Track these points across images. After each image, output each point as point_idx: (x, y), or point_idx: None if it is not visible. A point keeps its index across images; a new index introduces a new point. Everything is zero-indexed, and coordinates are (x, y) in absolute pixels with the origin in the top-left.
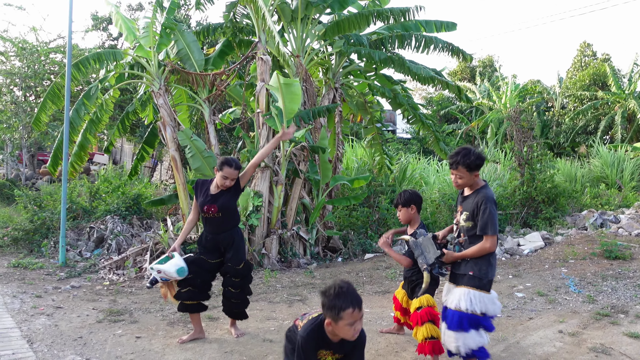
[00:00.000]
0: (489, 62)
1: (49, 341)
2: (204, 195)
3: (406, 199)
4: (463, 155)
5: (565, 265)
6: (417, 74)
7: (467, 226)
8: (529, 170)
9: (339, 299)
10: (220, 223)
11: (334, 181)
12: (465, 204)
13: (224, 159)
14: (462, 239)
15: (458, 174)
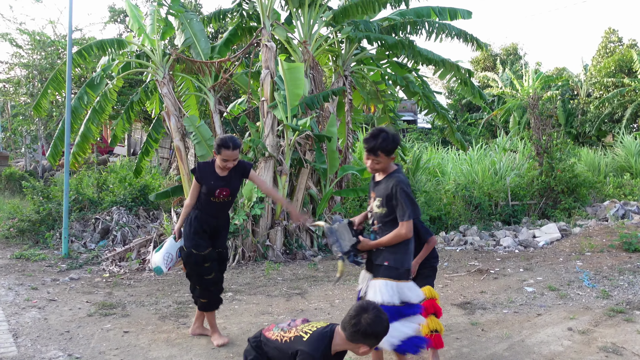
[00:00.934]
0: (513, 50)
1: (34, 335)
2: (214, 178)
3: (388, 145)
4: (383, 140)
5: (581, 258)
6: (427, 57)
7: (381, 213)
8: (548, 160)
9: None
10: (226, 207)
11: (343, 171)
12: (378, 190)
13: (219, 140)
14: (375, 226)
15: (376, 160)
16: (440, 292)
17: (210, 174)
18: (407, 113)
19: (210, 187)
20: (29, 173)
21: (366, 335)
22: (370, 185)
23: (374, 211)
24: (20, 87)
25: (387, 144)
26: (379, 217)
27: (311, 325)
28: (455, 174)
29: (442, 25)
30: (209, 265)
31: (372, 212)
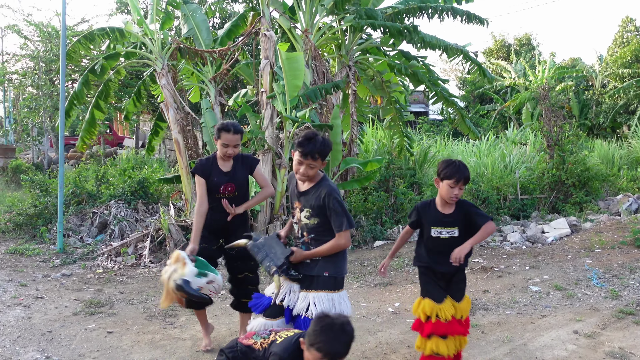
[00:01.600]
0: (527, 40)
1: (15, 335)
2: (217, 174)
3: (326, 148)
4: (321, 143)
5: (590, 255)
6: (431, 42)
7: (312, 224)
8: (559, 152)
9: (333, 343)
10: (235, 202)
11: (345, 164)
12: (306, 200)
13: (220, 124)
14: (306, 237)
15: (312, 164)
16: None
17: (212, 169)
18: (419, 105)
19: (214, 183)
20: (36, 165)
21: (314, 343)
22: (292, 193)
23: (303, 222)
24: (26, 79)
25: (325, 147)
26: (310, 229)
27: (290, 332)
28: None
29: (446, 7)
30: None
31: (299, 223)
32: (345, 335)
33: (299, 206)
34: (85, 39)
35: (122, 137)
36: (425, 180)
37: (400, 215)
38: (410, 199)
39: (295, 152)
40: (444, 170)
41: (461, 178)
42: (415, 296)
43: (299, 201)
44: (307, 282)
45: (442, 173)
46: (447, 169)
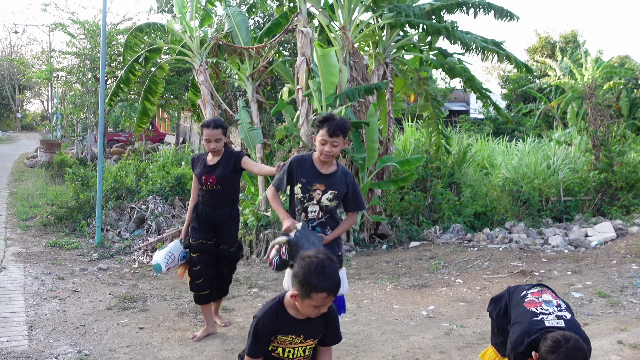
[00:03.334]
0: (572, 37)
1: (49, 329)
2: (202, 166)
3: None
4: (341, 120)
5: (637, 261)
6: (468, 44)
7: (332, 205)
8: (605, 153)
9: (318, 277)
10: (220, 196)
11: (382, 162)
12: (331, 182)
13: (203, 121)
14: (323, 218)
15: (335, 142)
16: (477, 295)
17: (200, 162)
18: (459, 103)
19: (198, 173)
20: (80, 160)
21: (301, 282)
22: (310, 175)
23: (324, 203)
24: (72, 76)
25: (345, 123)
26: (329, 210)
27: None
28: (505, 167)
29: (482, 3)
30: (197, 257)
31: (318, 203)
32: (332, 263)
33: (322, 188)
34: (137, 31)
35: (164, 133)
36: (464, 180)
37: (437, 216)
38: (448, 200)
39: (318, 132)
40: None
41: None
42: (451, 300)
43: (321, 183)
44: None
45: None
46: None
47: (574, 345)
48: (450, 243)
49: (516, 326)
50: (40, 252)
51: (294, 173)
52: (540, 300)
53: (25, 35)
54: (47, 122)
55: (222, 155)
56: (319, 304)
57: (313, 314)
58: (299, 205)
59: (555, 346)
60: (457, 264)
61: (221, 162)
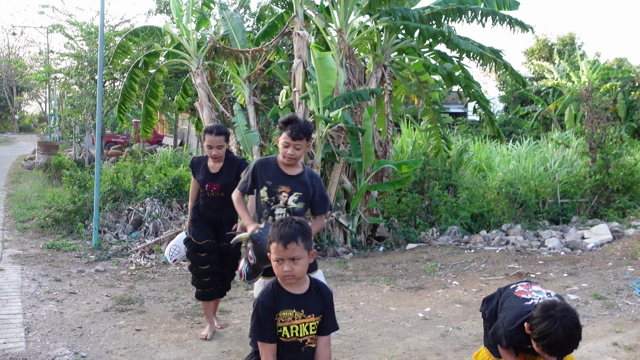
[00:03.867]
0: (570, 39)
1: (46, 330)
2: (204, 173)
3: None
4: (305, 124)
5: (632, 263)
6: (465, 49)
7: (299, 207)
8: (602, 155)
9: (274, 228)
10: (223, 200)
11: (378, 165)
12: (295, 184)
13: (205, 126)
14: None
15: (298, 145)
16: (474, 297)
17: (201, 167)
18: (457, 105)
19: (201, 181)
20: (77, 162)
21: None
22: (275, 177)
23: (290, 206)
24: (71, 78)
25: (308, 127)
26: (295, 212)
27: None
28: (502, 169)
29: (486, 11)
30: (205, 256)
31: (285, 206)
32: (295, 222)
33: (288, 190)
34: (132, 35)
35: (162, 135)
36: (462, 182)
37: (434, 218)
38: (445, 202)
39: (281, 135)
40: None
41: None
42: (447, 302)
43: (287, 185)
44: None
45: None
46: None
47: (565, 306)
48: (447, 245)
49: (508, 310)
50: (38, 254)
51: (258, 176)
52: (530, 290)
53: (23, 37)
54: (45, 123)
55: (223, 161)
56: (276, 257)
57: (278, 271)
58: (266, 209)
59: (545, 309)
60: (453, 266)
61: (224, 169)
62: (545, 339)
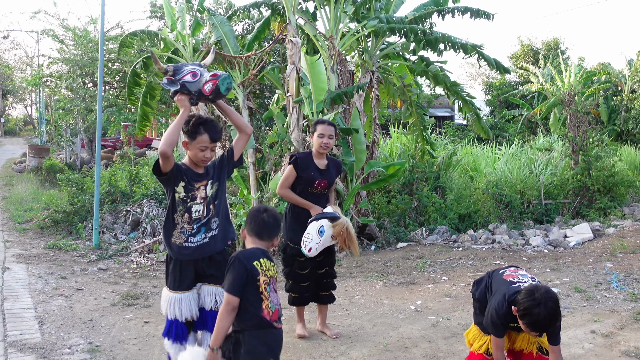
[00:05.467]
0: (555, 44)
1: (59, 323)
2: (313, 169)
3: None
4: (220, 128)
5: (611, 259)
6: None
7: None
8: (584, 158)
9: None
10: (322, 198)
11: (369, 167)
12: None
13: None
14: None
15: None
16: (462, 290)
17: (309, 164)
18: (444, 109)
19: (309, 178)
20: (68, 165)
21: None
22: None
23: (210, 198)
24: (62, 82)
25: (221, 130)
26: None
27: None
28: (489, 171)
29: (458, 7)
30: (305, 260)
31: (204, 200)
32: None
33: (204, 184)
34: (131, 35)
35: (151, 138)
36: (450, 184)
37: (423, 218)
38: (433, 203)
39: (200, 138)
40: None
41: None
42: (437, 295)
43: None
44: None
45: None
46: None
47: (546, 289)
48: (436, 244)
49: (497, 294)
50: (40, 253)
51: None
52: (517, 274)
53: (9, 40)
54: (31, 127)
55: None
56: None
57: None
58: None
59: (530, 293)
60: (442, 263)
61: (329, 165)
62: (530, 317)
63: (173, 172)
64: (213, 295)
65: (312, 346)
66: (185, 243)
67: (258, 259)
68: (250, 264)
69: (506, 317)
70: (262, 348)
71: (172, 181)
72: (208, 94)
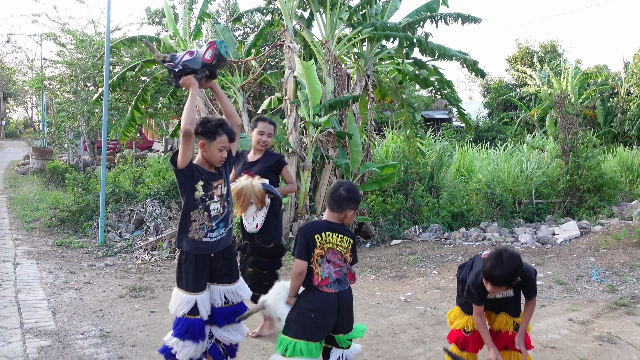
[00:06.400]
0: (552, 47)
1: (71, 312)
2: (241, 162)
3: (514, 277)
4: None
5: (595, 254)
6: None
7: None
8: (574, 158)
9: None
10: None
11: (364, 167)
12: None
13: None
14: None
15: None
16: (450, 283)
17: (244, 158)
18: (442, 111)
19: (238, 170)
20: (71, 167)
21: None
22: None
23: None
24: (64, 85)
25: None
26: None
27: None
28: (483, 172)
29: (451, 14)
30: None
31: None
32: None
33: (220, 183)
34: (128, 41)
35: (152, 141)
36: (443, 184)
37: (417, 218)
38: (427, 202)
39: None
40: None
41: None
42: (427, 288)
43: (219, 179)
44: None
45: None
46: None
47: (511, 251)
48: (429, 241)
49: (474, 269)
50: (48, 250)
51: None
52: None
53: (10, 43)
54: (31, 129)
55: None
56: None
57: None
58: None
59: (495, 254)
60: (434, 258)
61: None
62: (493, 273)
63: (191, 168)
64: (222, 294)
65: None
66: (204, 238)
67: (320, 232)
68: (312, 236)
69: (481, 287)
70: (306, 305)
71: (191, 178)
72: (211, 60)
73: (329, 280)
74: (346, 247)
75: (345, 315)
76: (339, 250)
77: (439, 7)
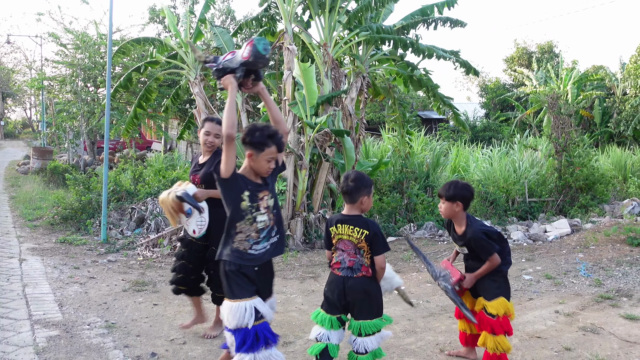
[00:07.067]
0: (549, 47)
1: (76, 305)
2: (193, 164)
3: (451, 194)
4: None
5: (584, 251)
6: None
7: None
8: (566, 158)
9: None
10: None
11: (359, 166)
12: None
13: (207, 116)
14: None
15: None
16: None
17: (196, 160)
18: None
19: (190, 172)
20: (72, 167)
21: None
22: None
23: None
24: (65, 85)
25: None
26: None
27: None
28: (477, 171)
29: (442, 18)
30: (190, 258)
31: (267, 210)
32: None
33: (266, 194)
34: (134, 42)
35: (151, 140)
36: (439, 183)
37: (412, 216)
38: (422, 200)
39: (268, 150)
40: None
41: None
42: (420, 282)
43: (264, 190)
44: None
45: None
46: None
47: (463, 182)
48: (423, 238)
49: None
50: (52, 247)
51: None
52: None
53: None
54: (30, 129)
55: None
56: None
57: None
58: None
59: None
60: (427, 254)
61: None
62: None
63: (236, 177)
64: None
65: (305, 323)
66: (249, 250)
67: (335, 224)
68: (328, 228)
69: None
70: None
71: (236, 188)
72: (248, 57)
73: (340, 265)
74: (358, 237)
75: (354, 302)
76: (350, 240)
77: (433, 12)
